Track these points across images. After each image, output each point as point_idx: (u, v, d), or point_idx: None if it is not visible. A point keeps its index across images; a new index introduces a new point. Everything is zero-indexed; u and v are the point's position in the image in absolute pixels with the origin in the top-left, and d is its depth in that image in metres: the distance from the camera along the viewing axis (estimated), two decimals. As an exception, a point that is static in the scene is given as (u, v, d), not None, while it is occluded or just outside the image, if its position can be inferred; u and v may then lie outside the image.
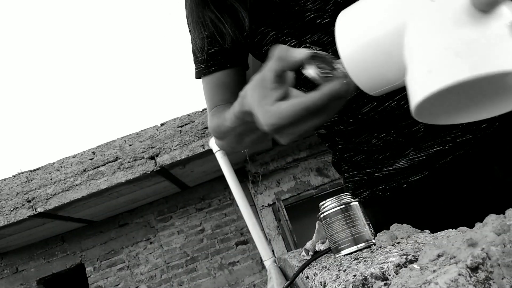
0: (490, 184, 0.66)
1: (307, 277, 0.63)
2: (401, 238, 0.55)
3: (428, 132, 0.66)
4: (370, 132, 0.70)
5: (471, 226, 0.46)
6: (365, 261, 0.49)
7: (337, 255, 0.64)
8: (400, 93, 0.65)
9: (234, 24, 0.69)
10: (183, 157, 3.57)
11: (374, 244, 0.60)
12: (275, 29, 0.69)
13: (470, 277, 0.27)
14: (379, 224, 0.69)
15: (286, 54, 0.43)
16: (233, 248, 4.61)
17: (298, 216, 6.29)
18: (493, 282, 0.27)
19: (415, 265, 0.34)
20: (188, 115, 3.74)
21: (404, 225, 0.58)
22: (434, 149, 0.67)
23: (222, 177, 4.38)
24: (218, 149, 3.29)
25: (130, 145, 3.67)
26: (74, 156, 3.69)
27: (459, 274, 0.27)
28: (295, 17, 0.67)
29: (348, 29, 0.41)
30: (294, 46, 0.68)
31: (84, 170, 3.62)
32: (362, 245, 0.62)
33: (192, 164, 3.87)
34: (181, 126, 3.70)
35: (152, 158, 3.59)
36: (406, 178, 0.70)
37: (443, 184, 0.69)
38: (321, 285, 0.49)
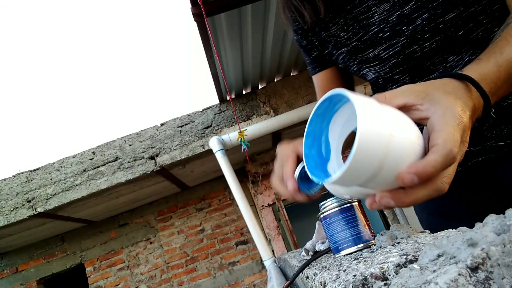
0: None
1: (307, 277, 0.63)
2: (401, 238, 0.55)
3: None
4: None
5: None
6: (365, 261, 0.49)
7: (337, 255, 0.64)
8: None
9: (312, 10, 0.82)
10: (183, 157, 3.57)
11: (374, 244, 0.60)
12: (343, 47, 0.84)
13: (470, 277, 0.27)
14: (421, 206, 0.91)
15: (282, 163, 0.62)
16: (233, 248, 4.61)
17: (298, 216, 6.29)
18: (493, 282, 0.27)
19: (415, 265, 0.34)
20: (188, 115, 3.74)
21: (404, 225, 0.58)
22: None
23: (222, 177, 4.38)
24: (218, 149, 3.28)
25: (130, 145, 3.67)
26: (74, 156, 3.69)
27: (459, 274, 0.27)
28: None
29: None
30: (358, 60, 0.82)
31: (84, 170, 3.62)
32: (362, 245, 0.62)
33: (192, 164, 3.87)
34: (181, 126, 3.70)
35: (152, 158, 3.59)
36: None
37: (473, 179, 0.80)
38: (321, 285, 0.49)
